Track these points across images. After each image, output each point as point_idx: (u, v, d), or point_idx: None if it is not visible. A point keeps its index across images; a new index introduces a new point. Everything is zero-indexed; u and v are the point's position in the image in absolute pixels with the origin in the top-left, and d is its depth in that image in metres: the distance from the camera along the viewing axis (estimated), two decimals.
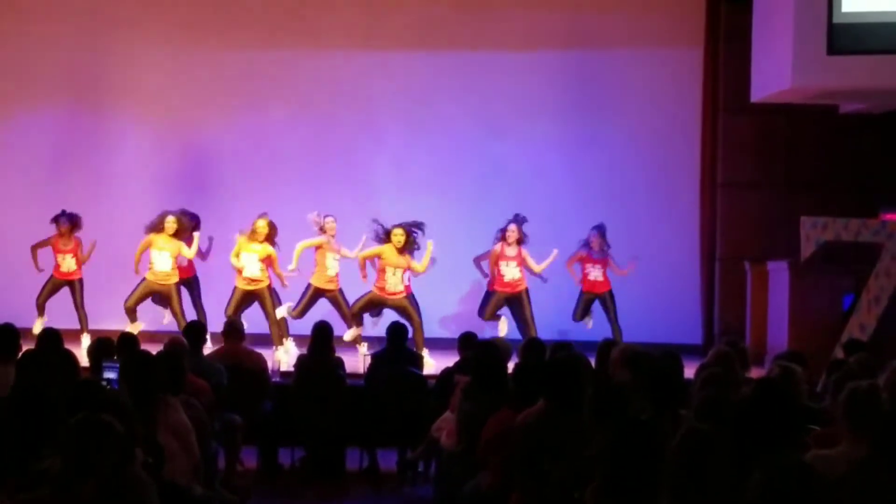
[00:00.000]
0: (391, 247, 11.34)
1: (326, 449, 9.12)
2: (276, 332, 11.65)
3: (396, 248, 11.34)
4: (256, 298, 11.68)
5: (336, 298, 11.78)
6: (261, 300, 11.69)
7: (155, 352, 6.79)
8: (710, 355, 7.01)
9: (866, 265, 10.82)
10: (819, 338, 10.67)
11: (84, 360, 7.45)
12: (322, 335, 9.18)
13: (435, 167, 13.49)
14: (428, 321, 11.73)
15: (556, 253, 11.82)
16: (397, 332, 9.52)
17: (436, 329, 12.42)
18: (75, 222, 11.98)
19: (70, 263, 12.01)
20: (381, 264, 11.40)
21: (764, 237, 12.92)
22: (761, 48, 12.04)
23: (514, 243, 11.69)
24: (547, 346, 7.79)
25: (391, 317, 11.01)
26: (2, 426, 4.58)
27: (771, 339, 11.70)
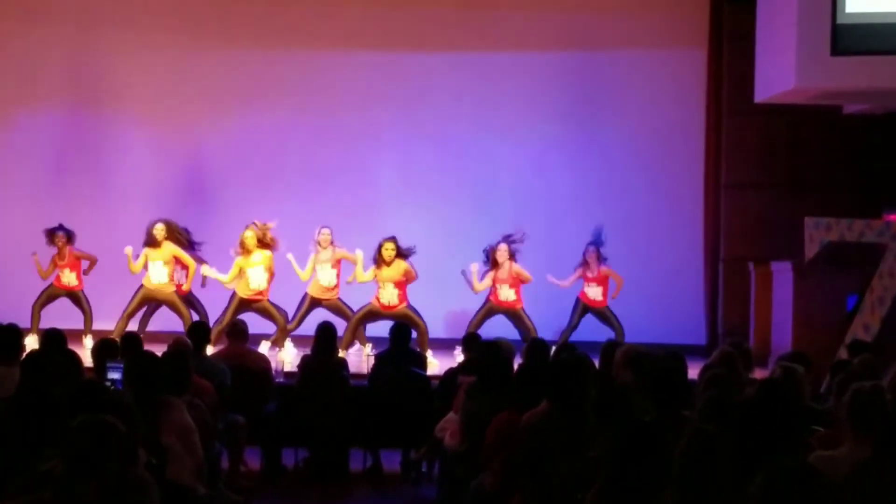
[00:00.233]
0: (383, 263, 11.47)
1: (330, 449, 9.12)
2: (282, 337, 11.67)
3: (386, 263, 11.41)
4: (259, 311, 11.66)
5: (336, 306, 11.78)
6: (266, 312, 11.68)
7: (158, 352, 6.80)
8: (714, 356, 7.01)
9: (870, 266, 10.81)
10: (823, 339, 10.67)
11: (88, 361, 7.45)
12: (325, 336, 9.18)
13: (435, 168, 13.48)
14: (431, 322, 11.72)
15: (529, 279, 11.74)
16: (400, 333, 9.51)
17: (439, 330, 12.41)
18: (70, 237, 11.97)
19: (70, 277, 12.02)
20: (377, 279, 11.55)
21: (767, 238, 12.91)
22: (765, 49, 12.02)
23: (507, 262, 11.61)
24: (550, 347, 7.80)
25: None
26: (5, 427, 4.58)
27: (775, 340, 11.70)
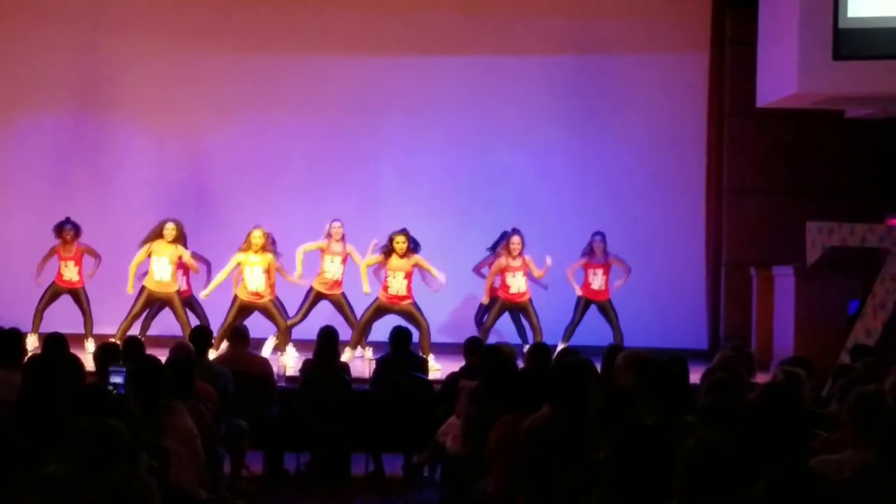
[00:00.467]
0: (394, 254, 11.43)
1: (332, 454, 9.12)
2: (284, 340, 11.66)
3: (399, 255, 11.39)
4: (262, 312, 11.65)
5: (339, 302, 11.78)
6: (267, 314, 11.66)
7: (159, 356, 6.79)
8: (716, 360, 7.01)
9: (872, 270, 10.82)
10: (825, 343, 10.67)
11: (90, 365, 7.45)
12: (328, 340, 9.18)
13: (439, 173, 13.48)
14: (432, 327, 11.72)
15: (550, 261, 11.81)
16: (400, 337, 9.50)
17: (440, 335, 12.41)
18: (78, 230, 11.99)
19: (73, 272, 12.01)
20: (385, 270, 11.49)
21: (770, 242, 12.90)
22: (766, 53, 12.03)
23: (518, 255, 11.73)
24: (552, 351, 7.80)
25: (394, 321, 10.97)
26: (8, 431, 4.58)
27: (777, 345, 11.70)
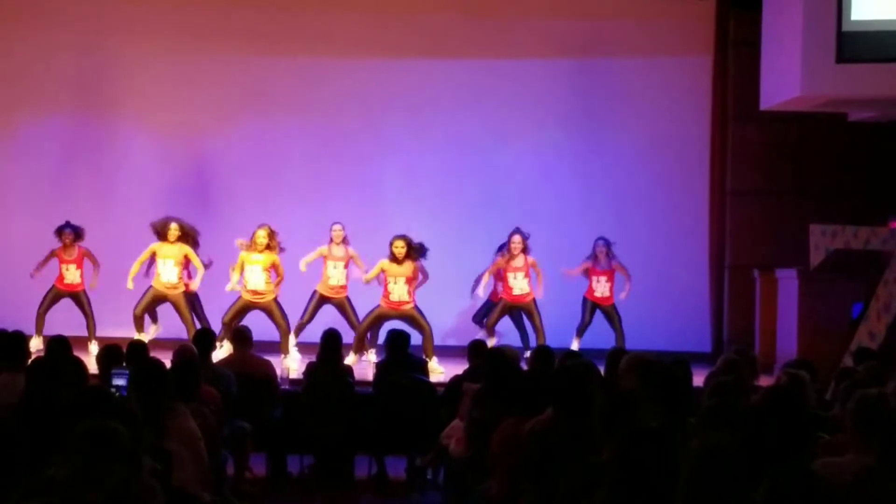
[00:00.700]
0: (393, 259, 11.41)
1: (335, 456, 9.13)
2: (286, 342, 11.65)
3: (398, 260, 11.36)
4: (263, 311, 11.62)
5: (342, 305, 11.77)
6: (269, 313, 11.63)
7: (162, 358, 6.80)
8: (719, 363, 7.01)
9: (875, 273, 10.81)
10: (828, 346, 10.67)
11: (93, 368, 7.45)
12: (331, 342, 9.19)
13: (442, 175, 13.47)
14: (436, 330, 11.71)
15: (541, 275, 11.78)
16: (396, 340, 9.51)
17: (443, 338, 12.41)
18: (79, 233, 11.99)
19: (74, 275, 11.99)
20: (385, 276, 11.47)
21: (773, 245, 12.90)
22: (770, 56, 12.03)
23: (521, 254, 11.70)
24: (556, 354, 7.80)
25: (396, 325, 10.98)
26: (11, 433, 4.58)
27: (780, 348, 11.70)
